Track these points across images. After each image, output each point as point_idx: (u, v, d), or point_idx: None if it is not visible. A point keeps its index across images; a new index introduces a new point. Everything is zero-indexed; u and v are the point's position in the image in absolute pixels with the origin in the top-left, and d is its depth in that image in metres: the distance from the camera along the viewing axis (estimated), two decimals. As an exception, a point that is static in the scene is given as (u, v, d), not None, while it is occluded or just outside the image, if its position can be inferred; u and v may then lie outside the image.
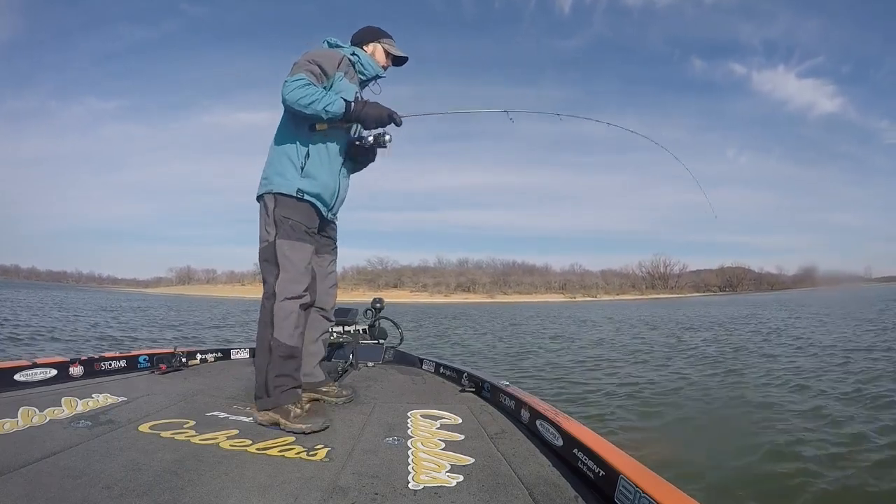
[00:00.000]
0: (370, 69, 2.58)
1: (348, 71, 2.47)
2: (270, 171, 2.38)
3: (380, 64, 2.63)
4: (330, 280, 2.66)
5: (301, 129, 2.36)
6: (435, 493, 1.50)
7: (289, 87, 2.22)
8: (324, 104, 2.24)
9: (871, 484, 3.22)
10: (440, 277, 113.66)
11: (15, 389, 2.47)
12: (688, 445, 4.30)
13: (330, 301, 2.66)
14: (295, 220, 2.32)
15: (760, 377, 7.01)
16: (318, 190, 2.37)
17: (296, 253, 2.32)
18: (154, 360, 3.21)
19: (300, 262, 2.33)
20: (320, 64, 2.34)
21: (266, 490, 1.48)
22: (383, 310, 3.99)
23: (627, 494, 1.34)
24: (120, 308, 26.48)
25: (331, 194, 2.45)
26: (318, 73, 2.31)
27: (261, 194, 2.38)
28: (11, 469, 1.53)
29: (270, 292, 2.28)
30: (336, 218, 2.64)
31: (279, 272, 2.29)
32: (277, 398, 2.16)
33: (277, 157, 2.39)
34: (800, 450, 3.83)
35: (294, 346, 2.27)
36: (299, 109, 2.23)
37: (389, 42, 2.67)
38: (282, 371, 2.21)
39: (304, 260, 2.34)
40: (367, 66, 2.57)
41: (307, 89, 2.22)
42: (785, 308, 27.57)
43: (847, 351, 9.18)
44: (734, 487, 3.25)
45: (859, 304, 27.43)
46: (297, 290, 2.30)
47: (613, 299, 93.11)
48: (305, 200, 2.34)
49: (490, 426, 2.21)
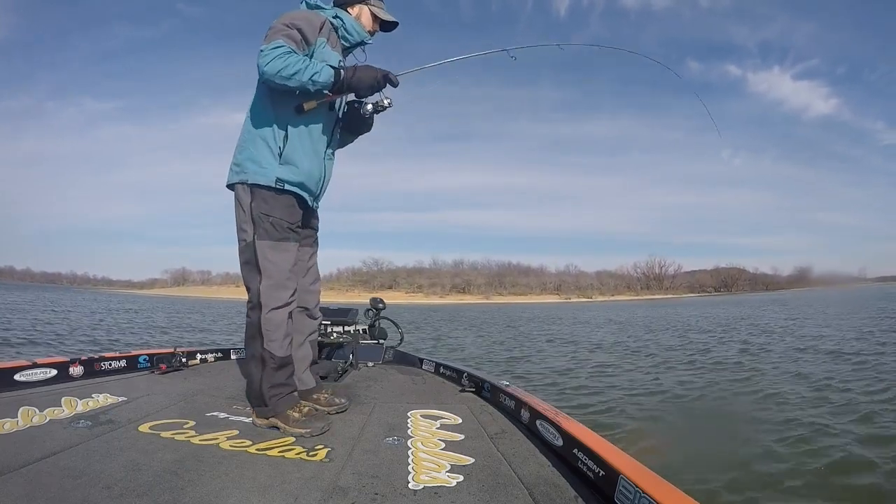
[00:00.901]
0: (355, 34, 2.32)
1: (330, 36, 2.21)
2: (242, 157, 2.12)
3: (366, 28, 2.35)
4: (311, 275, 2.45)
5: (281, 107, 2.09)
6: (435, 493, 1.50)
7: (267, 57, 1.93)
8: (309, 74, 1.97)
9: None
10: (435, 278, 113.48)
11: (15, 389, 2.47)
12: (691, 445, 4.28)
13: (313, 299, 2.44)
14: (276, 217, 2.09)
15: (778, 377, 6.98)
16: (301, 178, 2.13)
17: (278, 255, 2.11)
18: (154, 360, 3.20)
19: (284, 265, 2.12)
20: (300, 28, 2.06)
21: (266, 490, 1.48)
22: (385, 310, 3.99)
23: (627, 494, 1.34)
24: (107, 310, 25.60)
25: (316, 182, 2.22)
26: (298, 40, 2.04)
27: (232, 183, 2.14)
28: (11, 469, 1.53)
29: (256, 302, 2.10)
30: (318, 206, 2.40)
31: (261, 277, 2.09)
32: (276, 406, 2.09)
33: (251, 140, 2.12)
34: (816, 449, 3.82)
35: (286, 356, 2.15)
36: (281, 82, 1.96)
37: (377, 4, 2.38)
38: (276, 381, 2.11)
39: (287, 262, 2.14)
40: (351, 30, 2.31)
41: (288, 58, 1.94)
42: (784, 307, 27.68)
43: (846, 352, 9.16)
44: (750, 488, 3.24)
45: (860, 303, 27.50)
46: (284, 297, 2.12)
47: (608, 300, 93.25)
48: (287, 192, 2.11)
49: (490, 426, 2.21)
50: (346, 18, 2.30)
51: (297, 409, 2.12)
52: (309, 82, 1.98)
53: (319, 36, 2.13)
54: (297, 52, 2.01)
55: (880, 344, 10.00)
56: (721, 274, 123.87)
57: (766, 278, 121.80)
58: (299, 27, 2.05)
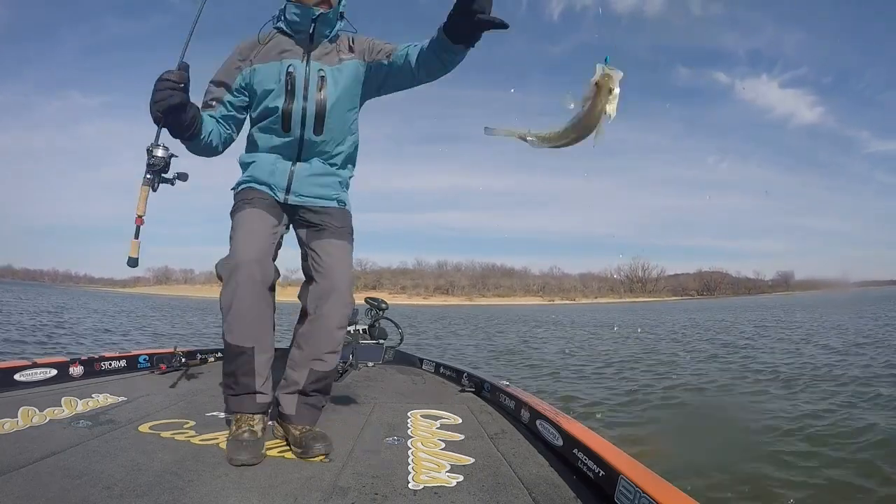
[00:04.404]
0: (293, 17, 1.93)
1: (271, 42, 1.96)
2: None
3: (305, 3, 1.90)
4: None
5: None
6: (435, 493, 1.50)
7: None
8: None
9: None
10: (419, 279, 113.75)
11: (15, 389, 2.47)
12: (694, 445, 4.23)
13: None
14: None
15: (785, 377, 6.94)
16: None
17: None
18: (154, 360, 3.21)
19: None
20: (209, 88, 1.98)
21: (266, 490, 1.48)
22: (387, 310, 4.00)
23: (627, 494, 1.34)
24: (73, 307, 24.20)
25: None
26: (217, 98, 1.97)
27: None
28: (11, 469, 1.53)
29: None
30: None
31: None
32: (226, 401, 1.93)
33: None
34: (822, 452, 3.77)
35: (237, 345, 1.90)
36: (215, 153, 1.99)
37: None
38: (225, 370, 1.93)
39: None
40: (290, 16, 1.93)
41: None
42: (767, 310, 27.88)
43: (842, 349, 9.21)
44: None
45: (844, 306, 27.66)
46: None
47: (591, 303, 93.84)
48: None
49: (490, 426, 2.22)
50: (287, 7, 1.94)
51: (236, 423, 1.83)
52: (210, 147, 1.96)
53: (243, 64, 1.96)
54: (225, 111, 1.97)
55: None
56: (704, 277, 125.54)
57: (748, 282, 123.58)
58: (207, 87, 1.99)
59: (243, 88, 1.97)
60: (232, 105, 1.98)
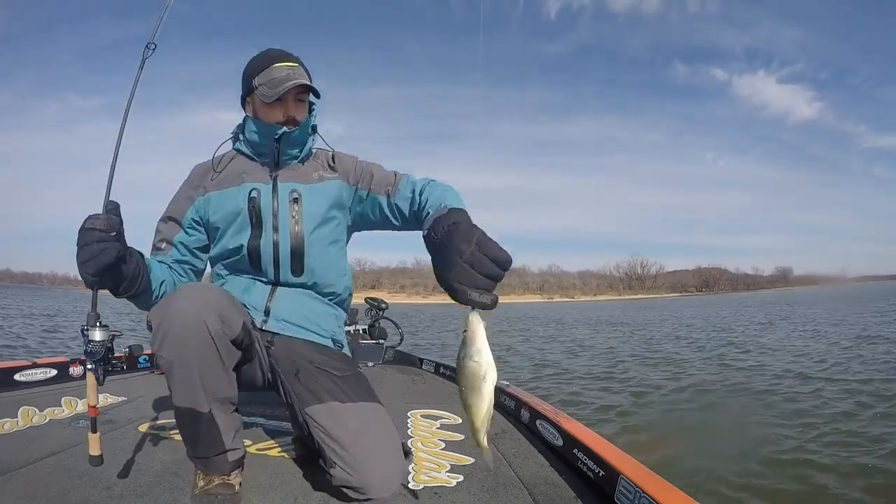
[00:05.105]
0: (252, 136, 1.58)
1: (229, 165, 1.61)
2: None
3: (266, 120, 1.54)
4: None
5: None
6: (435, 493, 1.50)
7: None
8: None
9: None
10: (418, 278, 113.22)
11: (15, 389, 2.48)
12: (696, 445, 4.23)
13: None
14: None
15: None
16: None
17: None
18: (154, 361, 3.20)
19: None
20: (159, 226, 1.61)
21: (266, 491, 1.48)
22: (387, 310, 4.00)
23: (627, 494, 1.34)
24: (72, 310, 22.56)
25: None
26: (170, 240, 1.58)
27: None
28: (11, 469, 1.53)
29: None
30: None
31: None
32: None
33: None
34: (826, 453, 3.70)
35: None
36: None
37: (266, 76, 1.52)
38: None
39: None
40: (248, 135, 1.60)
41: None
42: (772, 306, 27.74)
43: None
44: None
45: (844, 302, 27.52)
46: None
47: (590, 300, 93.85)
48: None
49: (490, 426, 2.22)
50: (246, 125, 1.61)
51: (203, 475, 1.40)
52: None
53: (197, 194, 1.60)
54: (178, 254, 1.59)
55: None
56: (703, 274, 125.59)
57: (747, 278, 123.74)
58: (157, 226, 1.61)
59: (197, 224, 1.60)
60: (185, 247, 1.60)
